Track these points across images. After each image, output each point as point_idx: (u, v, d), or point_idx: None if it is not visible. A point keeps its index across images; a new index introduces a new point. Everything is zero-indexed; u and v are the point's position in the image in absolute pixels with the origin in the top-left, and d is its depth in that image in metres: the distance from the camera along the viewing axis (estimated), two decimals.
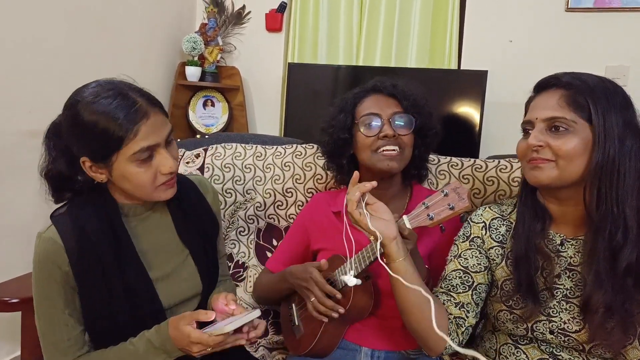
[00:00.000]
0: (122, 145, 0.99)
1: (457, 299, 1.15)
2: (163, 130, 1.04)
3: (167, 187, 1.09)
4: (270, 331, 1.62)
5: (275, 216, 1.71)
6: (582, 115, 1.00)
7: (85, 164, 1.04)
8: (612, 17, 2.47)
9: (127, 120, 0.98)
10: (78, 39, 2.21)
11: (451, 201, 1.07)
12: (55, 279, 1.04)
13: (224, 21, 3.00)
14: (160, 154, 1.04)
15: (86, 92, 1.02)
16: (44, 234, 1.06)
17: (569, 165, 1.00)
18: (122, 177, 1.04)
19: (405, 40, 2.80)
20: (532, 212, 1.10)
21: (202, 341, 1.00)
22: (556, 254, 1.07)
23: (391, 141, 1.32)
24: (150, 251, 1.14)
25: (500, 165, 1.55)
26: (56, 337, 1.07)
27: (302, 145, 1.75)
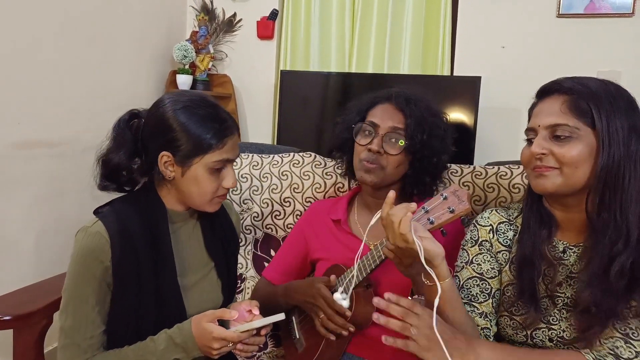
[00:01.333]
0: (208, 152, 1.07)
1: (480, 309, 1.13)
2: (238, 150, 1.14)
3: (219, 201, 1.15)
4: (270, 344, 1.60)
5: (272, 226, 1.68)
6: (585, 121, 0.98)
7: (162, 158, 1.09)
8: (602, 22, 2.48)
9: (220, 131, 1.08)
10: (68, 48, 2.17)
11: (451, 204, 1.06)
12: (95, 274, 1.06)
13: (215, 29, 2.97)
14: (229, 169, 1.13)
15: (184, 97, 1.11)
16: (91, 228, 1.07)
17: (574, 172, 0.99)
18: (194, 179, 1.09)
19: (397, 47, 2.80)
20: (538, 218, 1.09)
21: (226, 337, 1.03)
22: (558, 261, 1.06)
23: (374, 156, 1.31)
24: (182, 258, 1.16)
25: (500, 171, 1.54)
26: (80, 334, 1.07)
27: (300, 153, 1.73)
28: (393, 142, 1.31)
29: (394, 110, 1.35)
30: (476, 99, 2.38)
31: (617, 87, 1.02)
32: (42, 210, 2.12)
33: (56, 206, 2.16)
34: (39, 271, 2.00)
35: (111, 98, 2.41)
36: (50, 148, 2.14)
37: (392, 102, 1.36)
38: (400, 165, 1.33)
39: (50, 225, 2.14)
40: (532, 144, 1.03)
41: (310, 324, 1.36)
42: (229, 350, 1.07)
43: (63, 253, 2.11)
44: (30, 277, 1.90)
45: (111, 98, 2.41)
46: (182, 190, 1.12)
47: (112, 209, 1.11)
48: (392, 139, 1.32)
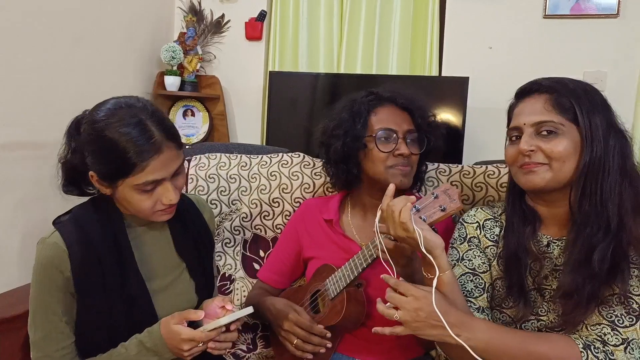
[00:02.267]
0: (129, 175, 1.02)
1: (477, 304, 1.14)
2: (172, 165, 1.06)
3: (164, 213, 1.11)
4: (260, 345, 1.59)
5: (261, 227, 1.67)
6: (568, 117, 1.03)
7: (92, 177, 1.06)
8: (588, 23, 2.51)
9: (139, 153, 1.00)
10: (52, 49, 2.15)
11: (442, 203, 1.07)
12: (56, 284, 1.05)
13: (203, 30, 2.96)
14: (164, 187, 1.06)
15: (106, 112, 1.04)
16: (48, 239, 1.07)
17: (562, 167, 1.03)
18: (124, 199, 1.07)
19: (386, 48, 2.81)
20: (521, 216, 1.12)
21: (194, 337, 1.02)
22: (542, 255, 1.09)
23: (405, 160, 1.32)
24: (148, 263, 1.14)
25: (488, 171, 1.55)
26: (50, 346, 1.06)
27: (288, 154, 1.73)
28: (414, 143, 1.35)
29: (401, 112, 1.36)
30: (464, 99, 2.39)
31: (591, 86, 1.08)
32: (28, 213, 2.09)
33: (42, 209, 2.13)
34: (24, 275, 1.97)
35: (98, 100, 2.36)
36: (36, 150, 2.11)
37: (395, 104, 1.37)
38: (416, 163, 1.38)
39: (36, 228, 2.11)
40: (520, 142, 1.06)
41: None
42: (200, 350, 1.05)
43: None
44: (16, 281, 1.88)
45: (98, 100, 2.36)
46: (123, 206, 1.10)
47: (71, 217, 1.10)
48: (412, 139, 1.35)
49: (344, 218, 1.45)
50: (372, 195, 1.40)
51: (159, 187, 1.05)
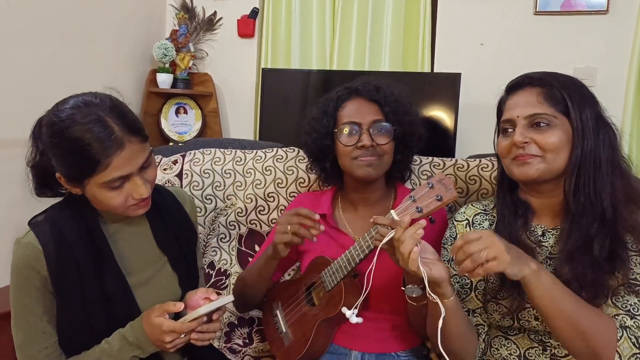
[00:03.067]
0: (93, 174, 0.99)
1: (466, 307, 1.17)
2: (138, 159, 1.03)
3: (138, 207, 1.09)
4: (256, 339, 1.59)
5: (257, 221, 1.67)
6: (560, 110, 1.05)
7: (60, 179, 1.05)
8: (578, 20, 2.54)
9: (100, 151, 0.98)
10: (43, 47, 2.14)
11: (438, 192, 1.08)
12: (34, 284, 1.04)
13: (195, 27, 2.96)
14: (133, 182, 1.03)
15: (65, 112, 1.00)
16: (23, 239, 1.06)
17: (556, 158, 1.05)
18: (94, 197, 1.05)
19: (378, 44, 2.82)
20: (512, 209, 1.14)
21: (175, 329, 1.02)
22: (537, 244, 1.10)
23: (369, 151, 1.31)
24: (128, 257, 1.14)
25: (481, 164, 1.56)
26: (34, 347, 1.06)
27: (283, 148, 1.73)
28: (381, 133, 1.33)
29: (367, 103, 1.35)
30: (456, 95, 2.40)
31: (579, 81, 1.10)
32: (20, 211, 2.07)
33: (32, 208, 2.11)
34: None
35: None
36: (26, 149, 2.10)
37: (361, 96, 1.37)
38: (390, 152, 1.35)
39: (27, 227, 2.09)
40: (514, 134, 1.07)
41: (296, 316, 1.36)
42: (183, 342, 1.05)
43: None
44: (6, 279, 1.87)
45: None
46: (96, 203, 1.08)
47: (46, 217, 1.09)
48: (379, 129, 1.32)
49: (337, 212, 1.46)
50: (355, 189, 1.41)
51: (127, 183, 1.03)
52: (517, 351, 1.11)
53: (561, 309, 0.94)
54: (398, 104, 1.35)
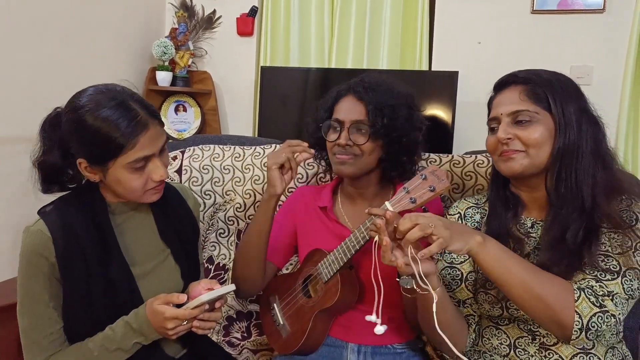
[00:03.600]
0: (120, 154, 1.03)
1: (456, 297, 1.21)
2: (159, 142, 1.09)
3: (155, 192, 1.13)
4: (254, 333, 1.61)
5: None
6: (542, 106, 1.09)
7: (81, 164, 1.07)
8: (575, 18, 2.56)
9: (128, 131, 1.02)
10: (43, 46, 2.15)
11: (431, 183, 1.10)
12: (42, 270, 1.07)
13: (194, 26, 2.97)
14: (154, 163, 1.08)
15: (88, 98, 1.05)
16: (32, 227, 1.09)
17: (539, 153, 1.09)
18: (116, 181, 1.07)
19: (376, 43, 2.84)
20: (504, 202, 1.18)
21: (177, 316, 1.04)
22: (526, 236, 1.14)
23: (345, 149, 1.34)
24: (132, 248, 1.16)
25: (477, 160, 1.58)
26: (39, 332, 1.08)
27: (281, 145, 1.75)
28: (360, 132, 1.34)
29: (355, 102, 1.36)
30: (454, 93, 2.43)
31: (564, 76, 1.14)
32: (20, 208, 2.09)
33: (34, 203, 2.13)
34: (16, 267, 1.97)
35: None
36: (29, 145, 2.11)
37: (352, 94, 1.38)
38: (374, 152, 1.35)
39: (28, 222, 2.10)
40: (498, 131, 1.12)
41: (293, 308, 1.38)
42: (185, 329, 1.07)
43: None
44: (8, 273, 1.89)
45: None
46: (112, 189, 1.12)
47: (55, 207, 1.11)
48: (357, 129, 1.34)
49: (337, 205, 1.47)
50: (350, 183, 1.44)
51: (148, 165, 1.07)
52: (508, 340, 1.14)
53: (514, 276, 0.99)
54: (384, 105, 1.33)
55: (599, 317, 0.97)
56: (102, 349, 1.08)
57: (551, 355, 1.08)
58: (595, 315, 0.97)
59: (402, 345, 1.36)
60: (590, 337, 0.98)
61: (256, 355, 1.55)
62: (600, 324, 0.97)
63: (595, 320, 0.97)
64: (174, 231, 1.23)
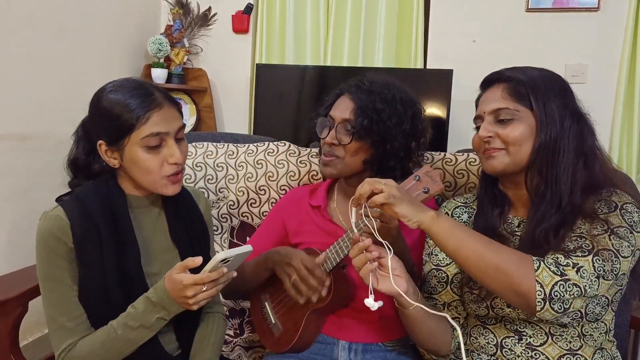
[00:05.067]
0: (133, 129, 1.06)
1: (441, 300, 1.21)
2: (174, 123, 1.12)
3: (172, 182, 1.13)
4: (247, 330, 1.61)
5: (248, 214, 1.70)
6: (524, 104, 1.08)
7: (101, 147, 1.10)
8: (570, 17, 2.56)
9: (140, 106, 1.07)
10: (38, 42, 2.15)
11: (425, 185, 1.10)
12: (60, 254, 1.07)
13: (189, 23, 2.97)
14: (169, 144, 1.10)
15: (111, 83, 1.13)
16: (51, 212, 1.09)
17: (519, 151, 1.08)
18: (132, 161, 1.09)
19: (371, 41, 2.84)
20: (491, 200, 1.18)
21: (195, 281, 1.02)
22: (512, 234, 1.14)
23: (330, 148, 1.33)
24: (144, 245, 1.16)
25: (469, 158, 1.58)
26: (66, 315, 1.08)
27: (274, 142, 1.75)
28: (346, 131, 1.32)
29: (348, 101, 1.35)
30: (448, 91, 2.43)
31: (552, 73, 1.13)
32: (15, 204, 2.10)
33: (29, 199, 2.14)
34: (11, 263, 1.98)
35: (83, 92, 2.33)
36: (22, 141, 2.12)
37: (347, 92, 1.37)
38: (358, 154, 1.33)
39: (24, 218, 2.12)
40: (480, 129, 1.13)
41: (286, 307, 1.38)
42: (206, 296, 1.04)
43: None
44: (3, 269, 1.89)
45: (83, 92, 2.33)
46: (131, 175, 1.13)
47: (74, 195, 1.13)
48: (344, 128, 1.32)
49: (331, 204, 1.47)
50: (345, 181, 1.43)
51: (164, 146, 1.09)
52: (495, 340, 1.13)
53: (469, 248, 0.98)
54: (370, 106, 1.31)
55: (561, 285, 0.94)
56: (125, 327, 1.07)
57: (538, 355, 1.07)
58: (557, 284, 0.94)
59: (392, 343, 1.36)
60: (557, 310, 0.94)
61: (248, 352, 1.56)
62: (562, 293, 0.94)
63: (558, 289, 0.94)
64: (185, 232, 1.23)
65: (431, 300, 1.22)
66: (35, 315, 1.45)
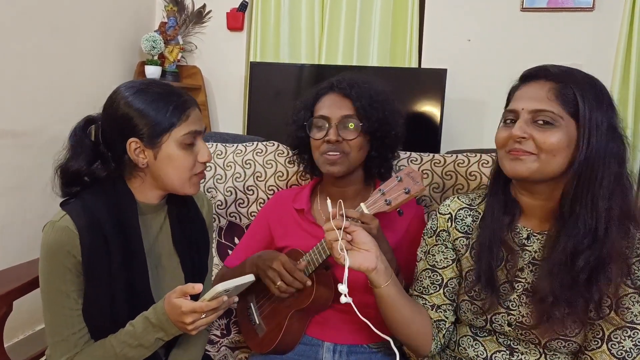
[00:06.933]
0: (174, 127, 1.08)
1: (431, 301, 1.18)
2: (202, 122, 1.16)
3: (198, 180, 1.16)
4: (233, 330, 1.61)
5: (236, 214, 1.69)
6: (568, 111, 0.98)
7: (131, 145, 1.08)
8: (564, 16, 2.55)
9: (180, 105, 1.09)
10: (30, 39, 2.14)
11: (406, 185, 1.11)
12: (67, 266, 1.05)
13: (184, 20, 2.96)
14: (201, 143, 1.14)
15: (131, 86, 1.11)
16: (58, 222, 1.06)
17: (551, 160, 0.98)
18: (167, 158, 1.09)
19: (366, 39, 2.83)
20: (502, 205, 1.09)
21: (195, 309, 1.01)
22: (521, 247, 1.07)
23: (334, 146, 1.32)
24: (149, 251, 1.15)
25: (457, 159, 1.58)
26: (68, 329, 1.07)
27: (263, 142, 1.75)
28: (348, 128, 1.33)
29: (340, 98, 1.36)
30: (442, 90, 2.41)
31: (600, 84, 1.03)
32: (6, 202, 2.10)
33: (21, 197, 2.14)
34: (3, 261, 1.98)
35: (76, 89, 2.39)
36: (14, 139, 2.12)
37: (335, 91, 1.37)
38: (362, 148, 1.35)
39: (15, 216, 2.12)
40: (514, 126, 1.01)
41: (269, 307, 1.38)
42: (205, 323, 1.04)
43: (28, 244, 2.10)
44: None
45: (76, 89, 2.39)
46: (158, 175, 1.11)
47: (80, 201, 1.09)
48: (346, 125, 1.33)
49: (315, 207, 1.47)
50: (332, 182, 1.43)
51: (196, 144, 1.12)
52: (484, 354, 1.11)
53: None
54: (372, 100, 1.34)
55: None
56: (124, 345, 1.06)
57: None
58: None
59: (377, 345, 1.36)
60: None
61: (234, 352, 1.55)
62: None
63: None
64: (187, 241, 1.22)
65: (420, 300, 1.18)
66: (20, 315, 1.45)
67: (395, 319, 1.12)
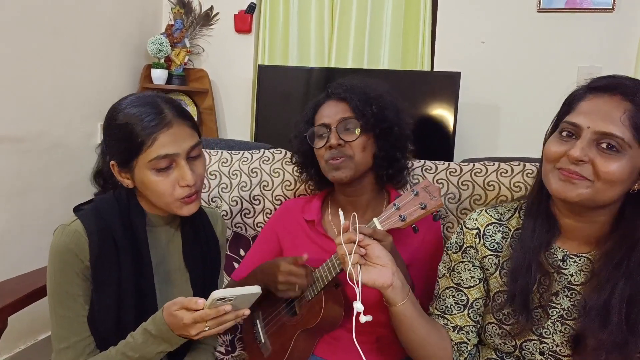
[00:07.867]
0: (141, 152, 1.01)
1: (454, 322, 1.09)
2: (185, 142, 1.04)
3: (186, 203, 1.07)
4: (238, 347, 1.55)
5: (242, 225, 1.63)
6: (638, 138, 0.87)
7: (114, 167, 1.07)
8: (583, 17, 2.46)
9: (148, 127, 1.01)
10: (35, 41, 2.10)
11: (423, 200, 1.04)
12: (76, 271, 1.04)
13: (191, 22, 2.91)
14: (180, 166, 1.04)
15: (124, 101, 1.07)
16: (69, 226, 1.05)
17: (607, 190, 0.89)
18: (142, 183, 1.05)
19: (377, 42, 2.76)
20: (541, 224, 1.00)
21: (196, 319, 0.96)
22: (556, 270, 0.99)
23: (337, 150, 1.27)
24: (157, 263, 1.12)
25: (475, 168, 1.50)
26: (76, 336, 1.05)
27: (270, 150, 1.68)
28: (348, 130, 1.29)
29: (337, 103, 1.32)
30: (456, 94, 2.34)
31: None
32: (7, 208, 2.05)
33: (22, 203, 2.09)
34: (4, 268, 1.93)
35: (80, 93, 2.34)
36: (15, 144, 2.07)
37: (332, 98, 1.34)
38: (366, 149, 1.29)
39: (16, 221, 2.07)
40: (574, 146, 0.90)
41: (276, 326, 1.32)
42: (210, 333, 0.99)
43: (29, 251, 2.05)
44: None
45: (80, 93, 2.34)
46: (144, 196, 1.09)
47: (93, 207, 1.08)
48: (346, 127, 1.29)
49: (326, 218, 1.41)
50: (341, 192, 1.37)
51: (174, 169, 1.04)
52: None
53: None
54: (367, 96, 1.29)
55: None
56: (123, 357, 1.03)
57: None
58: None
59: None
60: None
61: None
62: None
63: None
64: (199, 256, 1.19)
65: (442, 320, 1.10)
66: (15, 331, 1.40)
67: (411, 339, 1.05)
